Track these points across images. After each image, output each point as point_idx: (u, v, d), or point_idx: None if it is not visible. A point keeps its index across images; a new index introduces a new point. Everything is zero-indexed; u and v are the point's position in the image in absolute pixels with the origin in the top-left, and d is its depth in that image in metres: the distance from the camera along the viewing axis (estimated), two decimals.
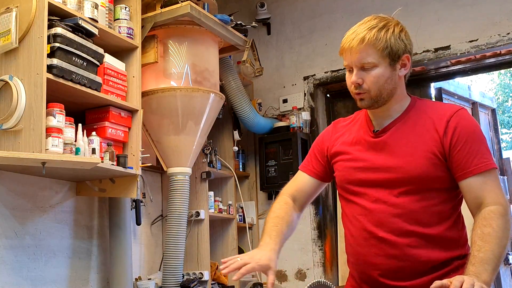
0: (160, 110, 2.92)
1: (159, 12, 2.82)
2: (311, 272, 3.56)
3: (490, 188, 1.40)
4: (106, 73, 2.49)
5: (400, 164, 1.46)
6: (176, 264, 2.88)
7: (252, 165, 3.89)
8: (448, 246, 1.46)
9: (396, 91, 1.51)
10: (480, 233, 1.33)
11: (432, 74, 3.53)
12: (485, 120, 4.27)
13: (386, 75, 1.46)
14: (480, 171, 1.41)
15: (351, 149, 1.57)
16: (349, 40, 1.47)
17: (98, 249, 2.84)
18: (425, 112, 1.51)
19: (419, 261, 1.44)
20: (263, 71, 3.56)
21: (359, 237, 1.52)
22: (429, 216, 1.44)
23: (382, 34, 1.44)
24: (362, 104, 1.51)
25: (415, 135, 1.48)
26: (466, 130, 1.45)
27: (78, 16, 2.30)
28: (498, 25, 3.14)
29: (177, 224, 2.90)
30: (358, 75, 1.47)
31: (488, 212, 1.36)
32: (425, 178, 1.44)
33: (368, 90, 1.47)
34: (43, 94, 2.10)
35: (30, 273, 2.43)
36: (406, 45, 1.48)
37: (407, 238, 1.44)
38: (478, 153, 1.42)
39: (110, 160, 2.42)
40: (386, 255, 1.46)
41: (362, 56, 1.45)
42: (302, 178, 1.70)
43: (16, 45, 2.17)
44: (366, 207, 1.50)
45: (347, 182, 1.57)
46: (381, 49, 1.44)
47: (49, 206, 2.58)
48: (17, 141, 2.13)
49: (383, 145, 1.51)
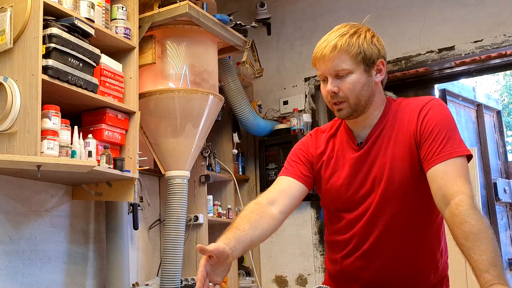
0: (158, 112, 2.91)
1: (157, 12, 2.81)
2: (312, 277, 3.54)
3: (451, 176, 1.32)
4: (103, 74, 2.49)
5: (387, 177, 1.43)
6: (174, 270, 2.87)
7: (252, 168, 3.88)
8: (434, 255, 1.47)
9: (374, 98, 1.47)
10: (461, 233, 1.23)
11: (436, 75, 3.53)
12: (490, 122, 4.26)
13: (362, 81, 1.43)
14: (442, 160, 1.35)
15: (336, 168, 1.52)
16: (321, 48, 1.45)
17: (95, 254, 2.83)
18: (401, 112, 1.48)
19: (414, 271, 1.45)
20: (263, 72, 3.55)
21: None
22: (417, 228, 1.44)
23: (354, 40, 1.42)
24: (341, 114, 1.47)
25: (397, 142, 1.45)
26: (432, 120, 1.41)
27: (74, 16, 2.30)
28: (503, 25, 3.13)
29: (175, 229, 2.89)
30: (334, 84, 1.44)
31: (455, 206, 1.27)
32: (410, 188, 1.41)
33: (346, 97, 1.43)
34: (38, 96, 2.09)
35: (25, 279, 2.42)
36: (379, 50, 1.46)
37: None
38: (443, 142, 1.37)
39: (107, 163, 2.41)
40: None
41: (335, 63, 1.42)
42: (287, 181, 1.53)
43: (11, 46, 2.16)
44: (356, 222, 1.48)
45: (335, 203, 1.52)
46: (354, 54, 1.42)
47: (44, 210, 2.58)
48: (11, 144, 2.12)
49: (368, 158, 1.47)
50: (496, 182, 3.93)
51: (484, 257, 1.18)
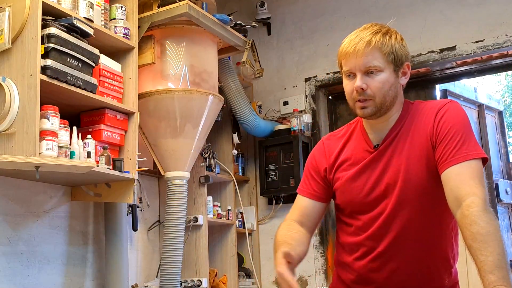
0: (157, 113, 2.90)
1: (156, 11, 2.81)
2: (312, 279, 3.53)
3: (464, 178, 1.32)
4: (102, 75, 2.48)
5: (403, 178, 1.42)
6: (174, 271, 2.85)
7: (252, 169, 3.87)
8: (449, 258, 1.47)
9: (397, 99, 1.47)
10: (469, 234, 1.24)
11: (437, 76, 3.52)
12: (492, 122, 4.25)
13: (391, 81, 1.43)
14: (457, 162, 1.34)
15: (352, 171, 1.51)
16: (354, 43, 1.43)
17: (94, 255, 2.82)
18: (418, 115, 1.48)
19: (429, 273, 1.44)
20: (263, 73, 3.53)
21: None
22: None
23: (387, 39, 1.43)
24: (365, 112, 1.45)
25: (413, 145, 1.44)
26: (448, 122, 1.41)
27: (73, 15, 2.29)
28: (505, 25, 3.11)
29: (174, 230, 2.88)
30: (363, 80, 1.42)
31: (466, 208, 1.27)
32: (426, 190, 1.41)
33: (373, 96, 1.42)
34: (37, 96, 2.09)
35: (23, 280, 2.42)
36: (408, 53, 1.48)
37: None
38: (458, 144, 1.37)
39: (106, 164, 2.41)
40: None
41: (368, 59, 1.41)
42: (304, 202, 1.59)
43: (9, 46, 2.16)
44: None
45: (350, 205, 1.52)
46: (387, 53, 1.42)
47: (43, 211, 2.58)
48: (10, 145, 2.12)
49: (384, 159, 1.46)
50: (497, 183, 3.91)
51: (490, 258, 1.19)
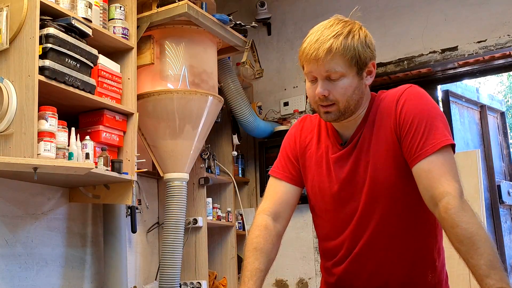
0: (156, 114, 2.89)
1: (155, 11, 2.80)
2: (313, 281, 3.52)
3: (435, 175, 1.27)
4: (100, 75, 2.48)
5: (371, 177, 1.38)
6: (173, 273, 2.85)
7: (252, 170, 3.86)
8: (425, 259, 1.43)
9: (362, 100, 1.42)
10: (454, 237, 1.21)
11: (439, 76, 3.51)
12: (494, 123, 4.24)
13: (354, 85, 1.37)
14: (425, 156, 1.29)
15: (319, 166, 1.48)
16: (314, 49, 1.36)
17: (92, 257, 2.82)
18: (381, 107, 1.42)
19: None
20: (263, 73, 3.52)
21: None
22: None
23: (349, 41, 1.34)
24: (328, 117, 1.41)
25: (378, 139, 1.39)
26: (410, 112, 1.34)
27: (71, 15, 2.29)
28: (507, 25, 3.11)
29: (174, 232, 2.88)
30: (324, 86, 1.37)
31: (444, 210, 1.23)
32: (397, 185, 1.37)
33: (336, 101, 1.37)
34: (35, 97, 2.09)
35: (21, 283, 2.42)
36: (372, 52, 1.39)
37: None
38: (424, 135, 1.31)
39: (105, 165, 2.41)
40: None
41: (330, 66, 1.35)
42: (280, 187, 1.54)
43: (7, 46, 2.16)
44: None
45: (318, 203, 1.50)
46: (349, 58, 1.34)
47: (41, 213, 2.57)
48: (7, 146, 2.12)
49: (351, 157, 1.42)
50: (500, 185, 3.90)
51: (482, 262, 1.16)
